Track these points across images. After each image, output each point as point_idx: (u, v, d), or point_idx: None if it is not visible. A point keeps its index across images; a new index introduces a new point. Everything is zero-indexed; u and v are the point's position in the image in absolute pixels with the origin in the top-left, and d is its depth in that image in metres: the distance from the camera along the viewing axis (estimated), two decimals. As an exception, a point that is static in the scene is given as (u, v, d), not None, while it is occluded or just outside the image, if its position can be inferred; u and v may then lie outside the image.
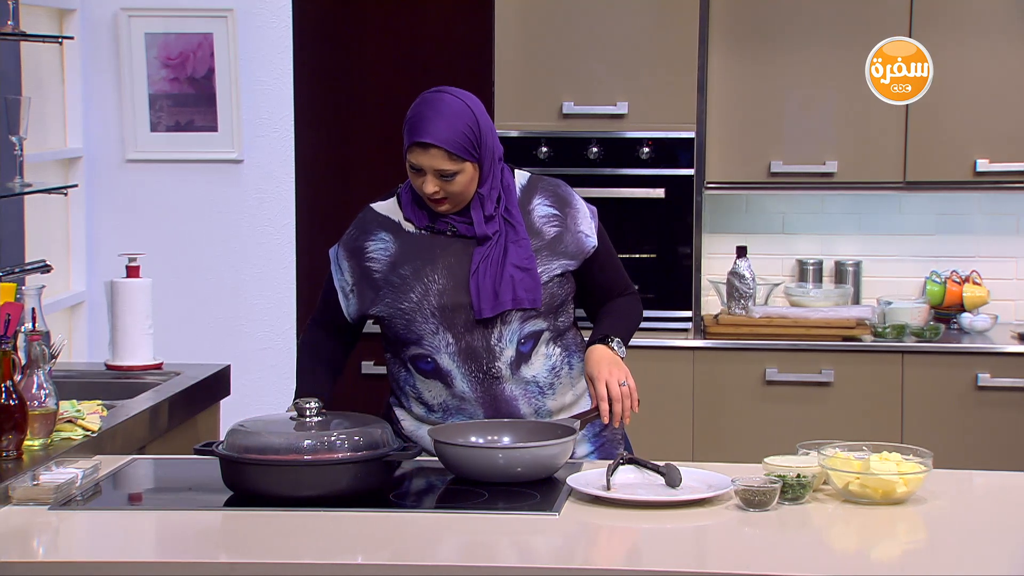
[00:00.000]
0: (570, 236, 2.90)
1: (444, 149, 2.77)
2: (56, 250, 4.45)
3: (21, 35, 3.47)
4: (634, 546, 2.36)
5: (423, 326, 2.83)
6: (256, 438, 2.54)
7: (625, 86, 4.55)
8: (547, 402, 2.89)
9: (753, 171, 4.63)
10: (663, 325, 4.56)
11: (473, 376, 2.84)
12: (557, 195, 2.93)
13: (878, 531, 2.44)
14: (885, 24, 4.54)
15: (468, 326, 2.82)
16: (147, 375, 3.56)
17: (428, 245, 2.86)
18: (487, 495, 2.56)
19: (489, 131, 2.85)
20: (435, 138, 2.77)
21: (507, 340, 2.83)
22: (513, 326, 2.83)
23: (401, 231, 2.88)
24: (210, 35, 4.58)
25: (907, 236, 4.84)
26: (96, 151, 4.66)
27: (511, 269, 2.81)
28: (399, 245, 2.87)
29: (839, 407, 4.45)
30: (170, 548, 2.38)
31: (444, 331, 2.83)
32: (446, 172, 2.79)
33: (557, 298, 2.88)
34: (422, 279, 2.84)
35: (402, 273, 2.85)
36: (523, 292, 2.82)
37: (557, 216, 2.90)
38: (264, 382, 4.55)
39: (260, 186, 4.67)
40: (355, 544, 2.35)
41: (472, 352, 2.83)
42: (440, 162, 2.78)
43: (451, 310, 2.82)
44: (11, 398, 2.63)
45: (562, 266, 2.88)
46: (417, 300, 2.83)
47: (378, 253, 2.88)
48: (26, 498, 2.49)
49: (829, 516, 2.49)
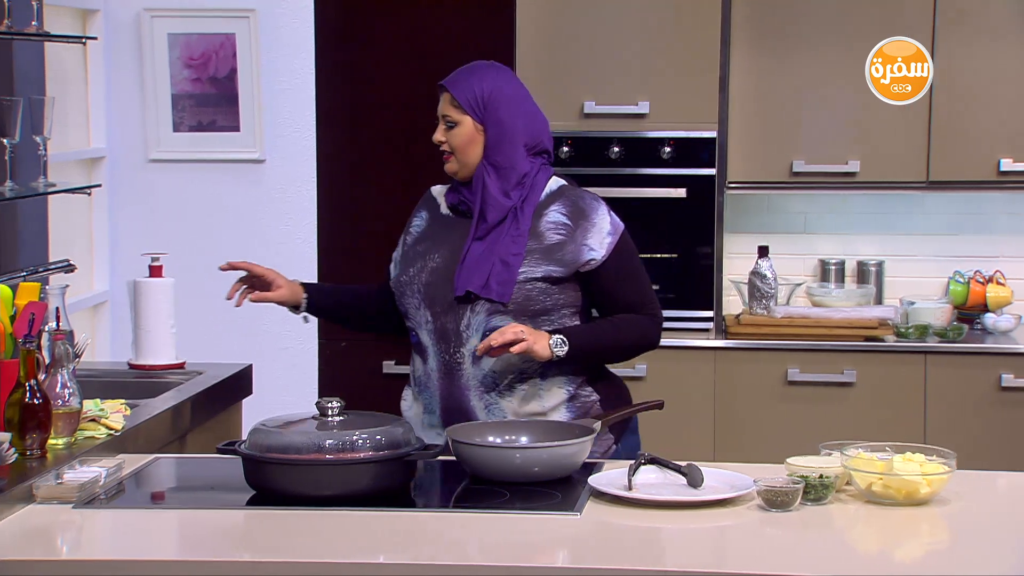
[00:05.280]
0: (572, 246, 2.90)
1: (450, 93, 2.95)
2: (79, 250, 4.47)
3: (45, 35, 3.49)
4: (656, 546, 2.36)
5: (410, 300, 2.95)
6: (278, 437, 2.55)
7: (647, 85, 4.55)
8: (501, 402, 2.89)
9: (775, 171, 4.62)
10: (684, 325, 4.55)
11: (441, 357, 2.91)
12: (577, 206, 2.93)
13: (901, 532, 2.43)
14: (908, 23, 4.52)
15: (445, 307, 2.90)
16: (170, 374, 3.58)
17: (448, 227, 2.97)
18: (508, 495, 2.56)
19: (507, 104, 2.92)
20: (448, 82, 2.97)
21: (473, 329, 2.87)
22: (480, 316, 2.87)
23: (437, 213, 3.02)
24: (232, 35, 4.59)
25: (930, 236, 4.81)
26: (119, 151, 4.68)
27: (495, 259, 2.87)
28: (430, 225, 3.01)
29: (861, 408, 4.43)
30: (192, 547, 2.38)
31: (425, 308, 2.92)
32: (449, 119, 2.94)
33: (536, 303, 2.87)
34: (425, 256, 2.95)
35: (417, 249, 2.98)
36: (495, 283, 2.86)
37: (567, 225, 2.91)
38: (286, 381, 4.57)
39: (282, 186, 4.68)
40: (377, 543, 2.36)
41: (445, 333, 2.90)
42: (446, 106, 2.95)
43: (434, 288, 2.91)
44: (35, 397, 2.64)
45: (546, 271, 2.88)
46: (413, 274, 2.95)
47: (415, 229, 3.04)
48: (50, 496, 2.50)
49: (852, 517, 2.48)
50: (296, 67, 4.65)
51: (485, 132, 2.92)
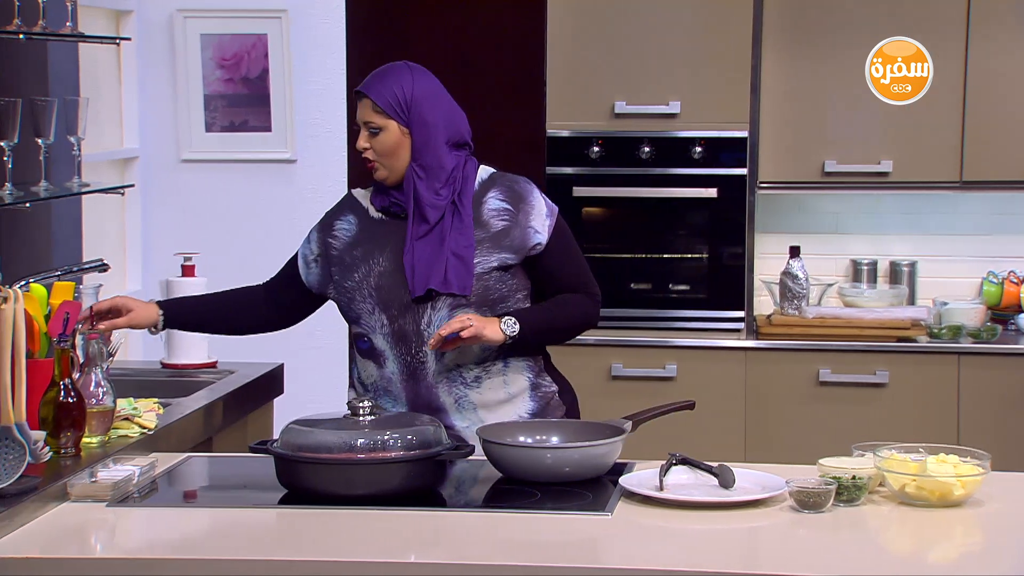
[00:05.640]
0: (518, 231, 2.92)
1: (371, 99, 2.91)
2: (112, 249, 4.49)
3: (79, 36, 3.51)
4: (687, 547, 2.35)
5: (361, 305, 2.93)
6: (310, 436, 2.56)
7: (677, 85, 4.54)
8: (470, 394, 2.91)
9: (806, 171, 4.60)
10: (715, 325, 4.54)
11: (402, 359, 2.90)
12: (513, 191, 2.96)
13: (935, 533, 2.41)
14: (942, 22, 4.49)
15: (401, 308, 2.89)
16: (202, 373, 3.60)
17: (384, 230, 2.95)
18: (539, 495, 2.56)
19: (428, 103, 2.91)
20: (365, 88, 2.93)
21: (435, 325, 2.88)
22: (442, 312, 2.88)
23: (367, 216, 2.99)
24: (264, 36, 4.61)
25: (963, 236, 4.78)
26: (152, 151, 4.70)
27: (447, 254, 2.87)
28: (360, 228, 2.98)
29: (893, 409, 4.41)
30: (225, 546, 2.39)
31: (380, 312, 2.91)
32: (372, 125, 2.90)
33: (494, 292, 2.90)
34: (368, 260, 2.94)
35: (354, 254, 2.96)
36: (453, 277, 2.86)
37: (509, 210, 2.93)
38: (317, 381, 4.58)
39: (313, 185, 4.70)
40: (408, 543, 2.36)
41: (403, 335, 2.89)
42: (368, 113, 2.91)
43: (387, 291, 2.90)
44: (70, 396, 2.66)
45: (500, 259, 2.90)
46: (359, 280, 2.93)
47: (341, 232, 3.00)
48: (84, 495, 2.52)
49: (885, 518, 2.47)
50: (328, 67, 4.66)
51: (411, 134, 2.90)
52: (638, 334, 4.54)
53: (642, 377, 4.51)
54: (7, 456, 2.44)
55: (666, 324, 4.56)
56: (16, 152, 3.20)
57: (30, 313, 2.72)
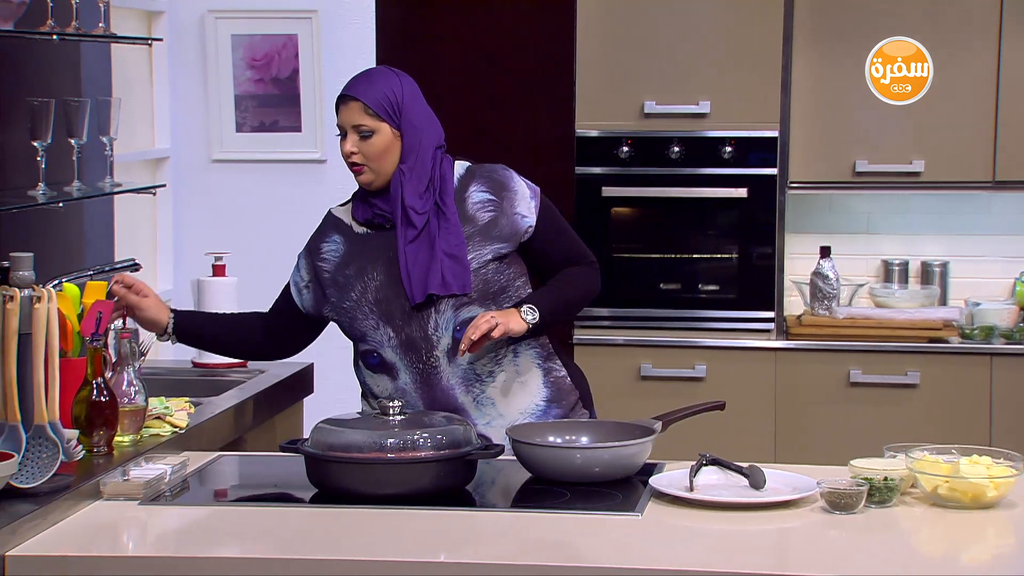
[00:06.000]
0: (505, 219, 2.92)
1: (361, 102, 2.87)
2: (143, 249, 4.52)
3: (112, 37, 3.53)
4: (718, 548, 2.34)
5: (364, 322, 2.91)
6: (340, 436, 2.56)
7: (707, 85, 4.52)
8: (486, 389, 2.91)
9: (837, 170, 4.58)
10: (745, 326, 4.52)
11: (414, 367, 2.89)
12: (493, 180, 2.95)
13: (967, 535, 2.40)
14: (972, 22, 4.47)
15: (405, 318, 2.88)
16: (232, 373, 3.61)
17: (373, 244, 2.93)
18: (568, 495, 2.56)
19: (414, 105, 2.91)
20: (354, 91, 2.89)
21: (443, 328, 2.87)
22: (447, 314, 2.87)
23: (352, 233, 2.97)
24: (295, 36, 4.63)
25: (996, 236, 4.75)
26: (183, 151, 4.73)
27: (440, 255, 2.86)
28: (348, 246, 2.96)
29: (925, 410, 4.39)
30: (255, 544, 2.40)
31: (384, 325, 2.89)
32: (363, 128, 2.88)
33: (494, 284, 2.89)
34: (363, 277, 2.91)
35: (347, 273, 2.93)
36: (451, 278, 2.85)
37: (493, 201, 2.93)
38: (346, 380, 4.57)
39: (342, 185, 4.68)
40: (437, 542, 2.36)
41: (412, 343, 2.88)
42: (358, 116, 2.87)
43: (387, 303, 2.89)
44: (102, 395, 2.67)
45: (494, 250, 2.90)
46: (357, 298, 2.91)
47: (329, 254, 2.97)
48: (116, 493, 2.53)
49: (917, 519, 2.46)
50: (357, 67, 4.63)
51: (401, 137, 2.89)
52: (667, 334, 4.54)
53: (671, 377, 4.50)
54: (40, 455, 2.46)
55: (696, 324, 4.55)
56: (49, 152, 3.22)
57: (63, 312, 2.74)
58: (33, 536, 2.32)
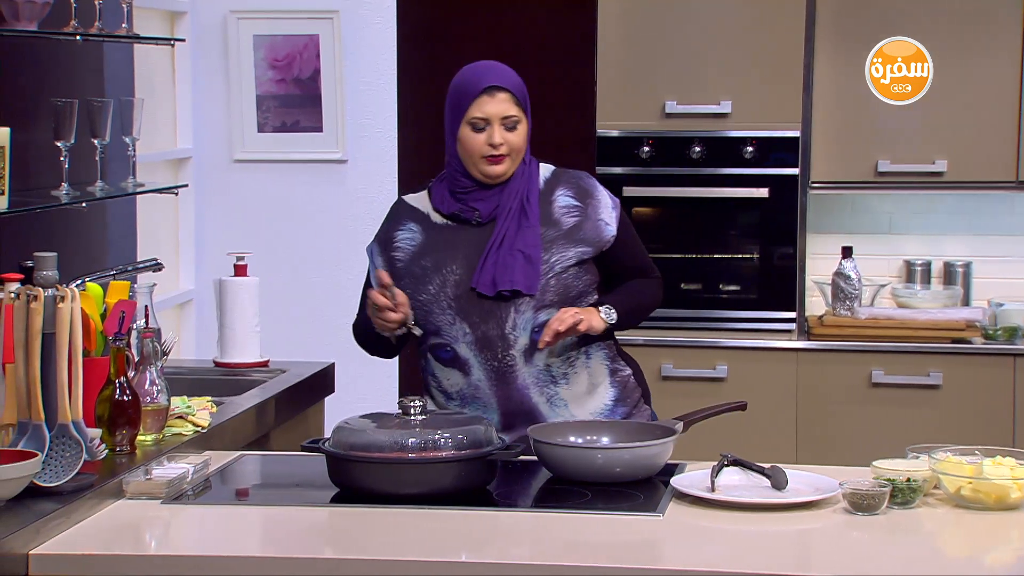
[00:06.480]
0: (590, 224, 2.93)
1: (511, 92, 2.87)
2: (166, 249, 4.54)
3: (135, 38, 3.55)
4: (739, 548, 2.34)
5: (440, 317, 2.89)
6: (362, 435, 2.57)
7: (729, 85, 4.52)
8: (560, 390, 2.91)
9: (859, 170, 4.57)
10: (766, 326, 4.51)
11: (488, 364, 2.88)
12: (580, 187, 2.97)
13: (991, 536, 2.39)
14: (996, 23, 4.44)
15: (483, 315, 2.87)
16: (254, 372, 3.62)
17: (452, 236, 2.92)
18: (590, 495, 2.56)
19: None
20: (504, 81, 2.88)
21: (520, 328, 2.87)
22: (527, 315, 2.87)
23: (429, 222, 2.95)
24: (316, 36, 4.64)
25: (1019, 236, 4.73)
26: (205, 151, 4.74)
27: (516, 254, 2.86)
28: (425, 236, 2.94)
29: (947, 411, 4.37)
30: (277, 543, 2.41)
31: (460, 321, 2.88)
32: (512, 118, 2.87)
33: (573, 289, 2.90)
34: (441, 270, 2.90)
35: (423, 264, 2.91)
36: (520, 277, 2.85)
37: (578, 207, 2.94)
38: (368, 380, 4.60)
39: (364, 185, 4.72)
40: (459, 542, 2.36)
41: (488, 341, 2.87)
42: (508, 106, 2.87)
43: (466, 300, 2.87)
44: (125, 394, 2.68)
45: (578, 254, 2.91)
46: (435, 292, 2.89)
47: (404, 243, 2.94)
48: (139, 492, 2.54)
49: (940, 521, 2.45)
50: (379, 67, 4.68)
51: (529, 127, 2.92)
52: (689, 334, 4.53)
53: (693, 378, 4.49)
54: (64, 453, 2.47)
55: (717, 324, 4.55)
56: (73, 152, 3.23)
57: (86, 312, 2.75)
58: (56, 535, 2.33)
